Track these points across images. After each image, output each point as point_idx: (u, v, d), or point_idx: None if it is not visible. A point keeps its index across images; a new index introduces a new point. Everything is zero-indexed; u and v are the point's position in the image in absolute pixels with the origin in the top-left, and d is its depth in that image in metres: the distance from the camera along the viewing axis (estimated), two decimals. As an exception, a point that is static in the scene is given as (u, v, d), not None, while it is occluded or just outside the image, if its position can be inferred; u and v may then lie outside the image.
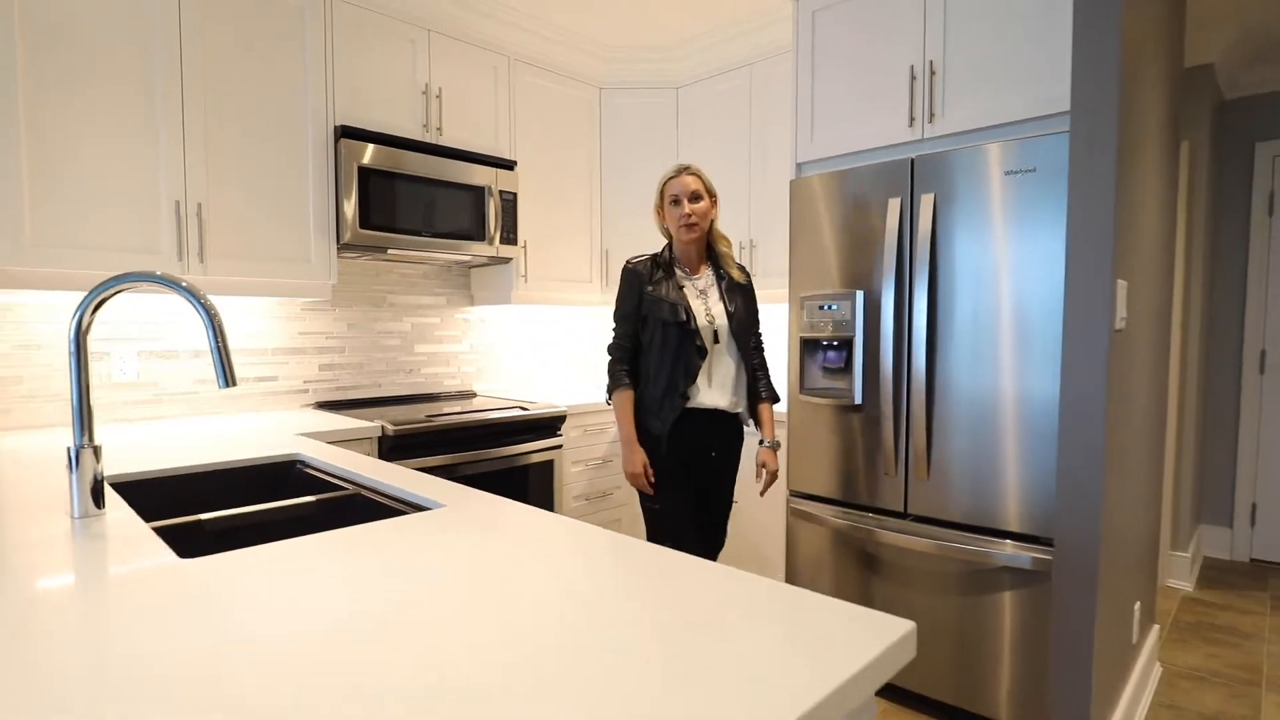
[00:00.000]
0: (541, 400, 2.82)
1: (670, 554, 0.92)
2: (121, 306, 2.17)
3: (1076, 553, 1.74)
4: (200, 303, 1.09)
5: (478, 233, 2.67)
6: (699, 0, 2.74)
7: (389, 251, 2.47)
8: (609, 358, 2.00)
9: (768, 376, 2.07)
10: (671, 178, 1.98)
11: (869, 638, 0.67)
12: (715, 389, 1.93)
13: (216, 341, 1.11)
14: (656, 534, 1.96)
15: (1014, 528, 1.92)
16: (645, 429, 1.94)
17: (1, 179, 1.73)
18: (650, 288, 1.94)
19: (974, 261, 1.96)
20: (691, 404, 1.90)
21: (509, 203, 2.76)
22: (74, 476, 1.09)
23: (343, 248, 2.38)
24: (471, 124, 2.73)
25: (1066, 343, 1.73)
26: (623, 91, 3.25)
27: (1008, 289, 1.90)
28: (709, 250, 2.03)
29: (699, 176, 1.96)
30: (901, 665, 0.69)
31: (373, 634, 0.67)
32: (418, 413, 2.39)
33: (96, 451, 1.10)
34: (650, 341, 1.93)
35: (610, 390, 1.98)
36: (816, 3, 2.33)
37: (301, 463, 1.66)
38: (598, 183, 3.25)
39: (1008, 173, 1.88)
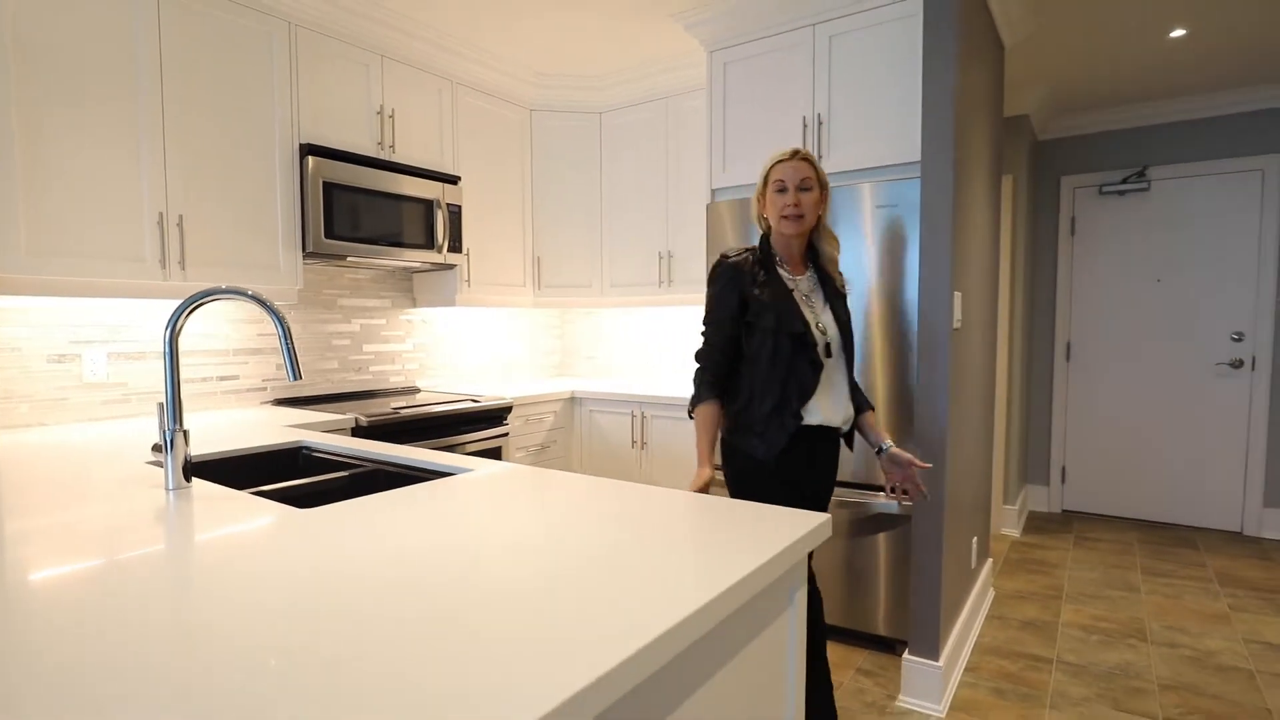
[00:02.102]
0: (483, 393, 3.12)
1: (656, 489, 1.32)
2: (94, 309, 2.28)
3: (929, 499, 2.29)
4: (271, 308, 1.36)
5: (427, 241, 2.93)
6: (623, 39, 3.13)
7: (348, 259, 2.69)
8: (697, 366, 1.77)
9: (858, 387, 1.87)
10: (780, 160, 1.73)
11: (802, 523, 1.10)
12: (829, 406, 1.71)
13: (286, 341, 1.38)
14: None
15: (885, 482, 2.46)
16: (748, 452, 1.71)
17: (2, 194, 1.84)
18: (756, 290, 1.70)
19: (854, 276, 2.48)
20: (806, 421, 1.69)
21: (454, 214, 3.04)
22: (169, 456, 1.33)
23: (307, 255, 2.57)
24: (420, 142, 2.98)
25: (919, 339, 2.27)
26: (551, 114, 3.58)
27: (878, 298, 2.44)
28: (809, 249, 1.80)
29: (812, 163, 1.72)
30: (821, 540, 1.12)
31: (472, 548, 1.02)
32: (371, 407, 2.63)
33: (185, 435, 1.34)
34: (756, 353, 1.69)
35: (693, 403, 1.75)
36: (727, 55, 2.80)
37: (307, 448, 1.91)
38: (530, 195, 3.57)
39: (877, 207, 2.41)
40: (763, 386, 1.69)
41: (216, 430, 2.08)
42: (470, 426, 2.82)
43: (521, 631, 0.69)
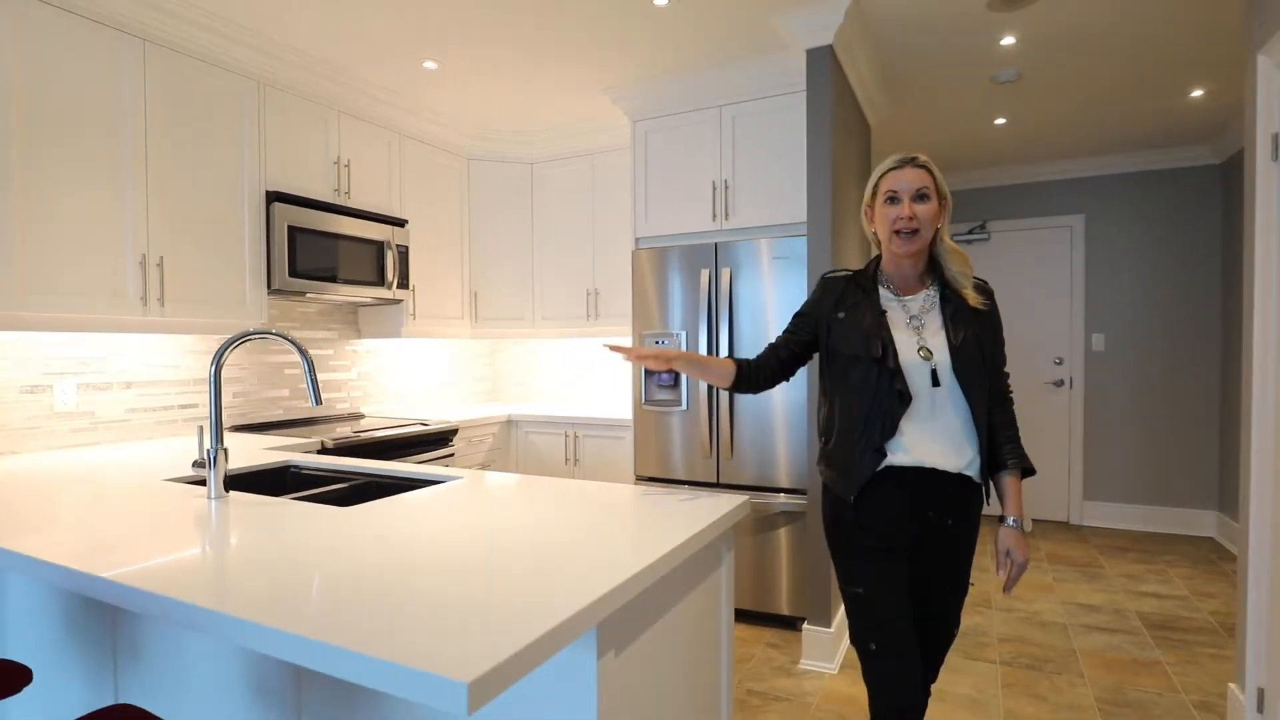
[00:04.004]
0: (421, 418, 3.39)
1: (617, 485, 1.71)
2: (65, 343, 2.41)
3: (818, 497, 2.80)
4: (296, 344, 1.66)
5: (378, 279, 3.21)
6: (555, 103, 3.54)
7: (307, 295, 2.92)
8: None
9: (1015, 437, 1.56)
10: (891, 169, 1.52)
11: (727, 503, 1.53)
12: (931, 443, 1.47)
13: (310, 372, 1.68)
14: (859, 625, 1.54)
15: (784, 485, 2.96)
16: (830, 488, 1.57)
17: (1, 238, 2.00)
18: (842, 313, 1.56)
19: (755, 313, 2.99)
20: (894, 462, 1.47)
21: (403, 253, 3.33)
22: (212, 470, 1.59)
23: (271, 292, 2.79)
24: (372, 188, 3.26)
25: (810, 368, 2.80)
26: (486, 163, 3.94)
27: (774, 329, 2.95)
28: (932, 267, 1.57)
29: (929, 170, 1.50)
30: (742, 516, 1.55)
31: (459, 540, 1.39)
32: (322, 432, 2.85)
33: (225, 453, 1.61)
34: (840, 380, 1.55)
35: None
36: (648, 125, 3.28)
37: (295, 467, 2.16)
38: (468, 236, 3.89)
39: (774, 258, 2.94)
40: (847, 418, 1.53)
41: (189, 455, 2.27)
42: (420, 448, 3.09)
43: (566, 565, 1.08)
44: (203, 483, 1.82)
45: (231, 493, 1.64)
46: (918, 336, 1.50)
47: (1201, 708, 2.35)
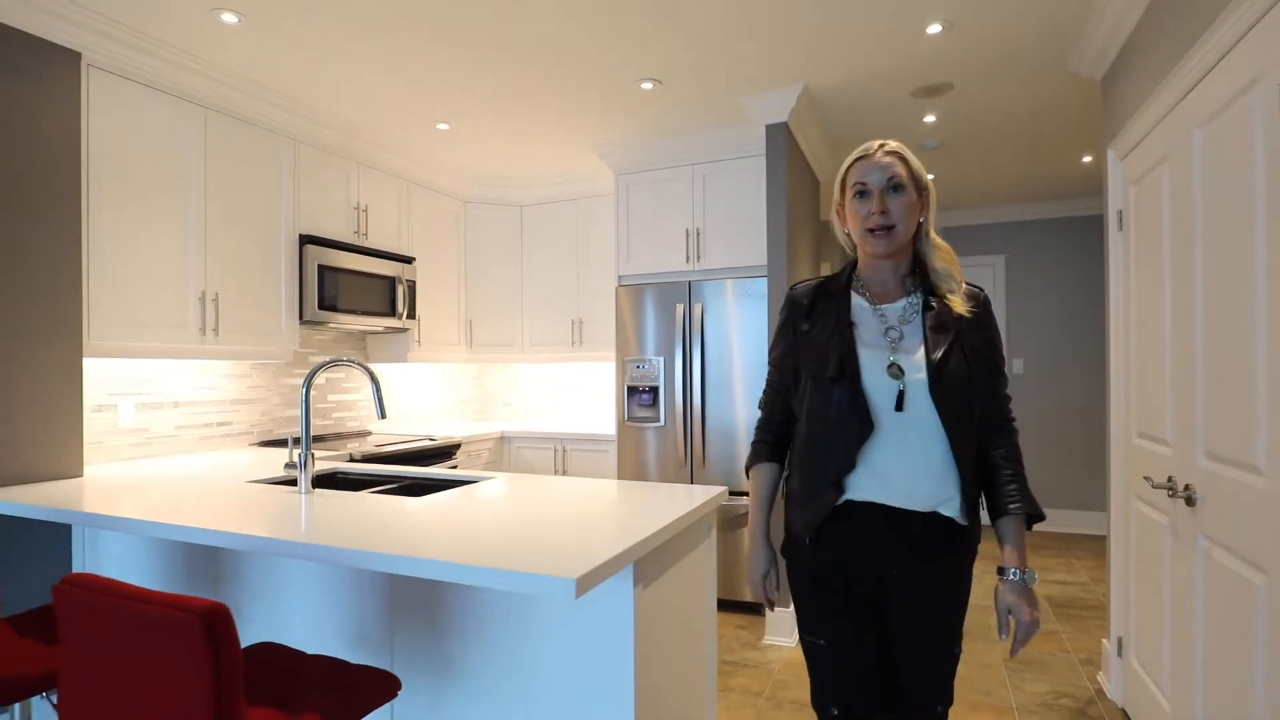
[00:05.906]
0: (418, 434, 3.77)
1: (624, 481, 2.16)
2: (128, 367, 2.75)
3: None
4: (365, 369, 2.08)
5: (390, 310, 3.60)
6: (545, 155, 4.02)
7: (329, 325, 3.31)
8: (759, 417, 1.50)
9: (1018, 475, 1.33)
10: (859, 159, 1.34)
11: (710, 491, 2.00)
12: (899, 478, 1.27)
13: (377, 391, 2.09)
14: (819, 679, 1.38)
15: (748, 489, 3.44)
16: (788, 527, 1.41)
17: (95, 280, 2.37)
18: (807, 325, 1.38)
19: (721, 342, 3.49)
20: (855, 498, 1.29)
21: (411, 287, 3.73)
22: (303, 471, 1.98)
23: (303, 323, 3.17)
24: (385, 230, 3.67)
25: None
26: (481, 206, 4.39)
27: (738, 357, 3.46)
28: (917, 269, 1.37)
29: (903, 158, 1.32)
30: (721, 502, 2.02)
31: (519, 514, 1.84)
32: (337, 445, 3.22)
33: (313, 457, 2.00)
34: (800, 404, 1.38)
35: (747, 465, 1.52)
36: (630, 179, 3.78)
37: (341, 473, 2.54)
38: (464, 270, 4.32)
39: (737, 295, 3.46)
40: (807, 446, 1.35)
41: (250, 466, 2.64)
42: (429, 459, 3.48)
43: (606, 527, 1.53)
44: (284, 483, 2.21)
45: (316, 489, 2.03)
46: (890, 352, 1.30)
47: (1084, 662, 2.90)
